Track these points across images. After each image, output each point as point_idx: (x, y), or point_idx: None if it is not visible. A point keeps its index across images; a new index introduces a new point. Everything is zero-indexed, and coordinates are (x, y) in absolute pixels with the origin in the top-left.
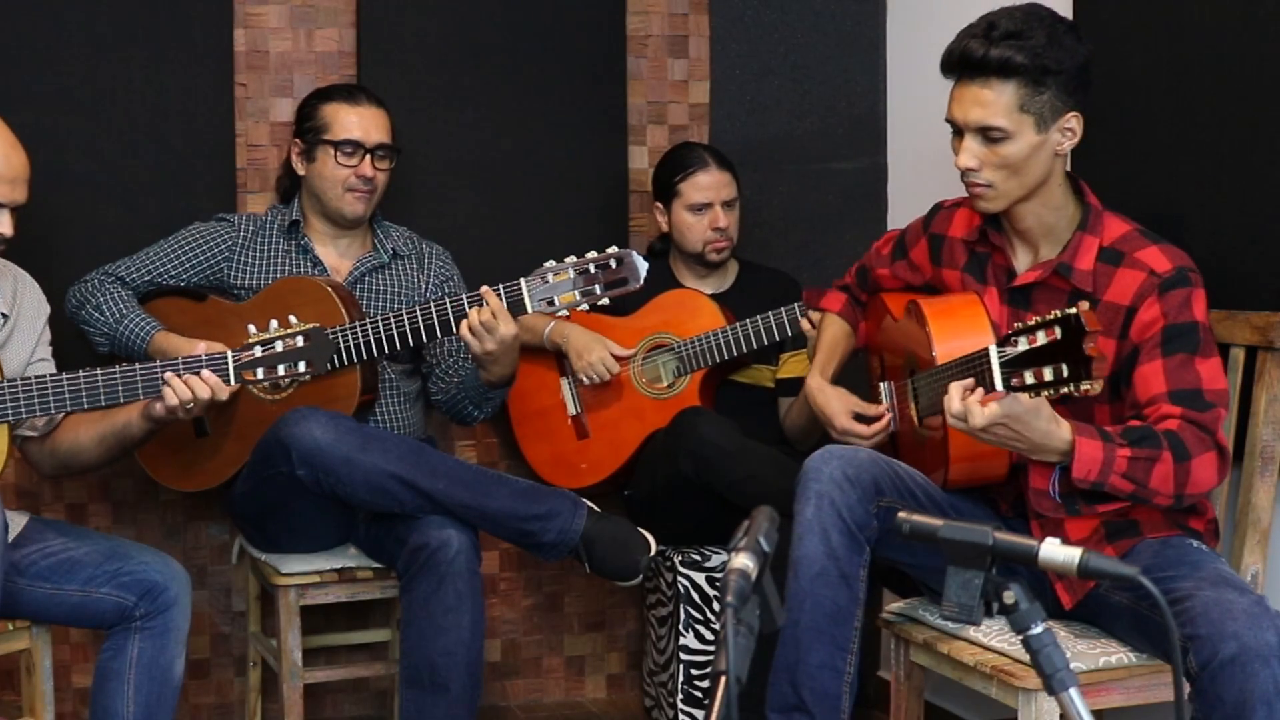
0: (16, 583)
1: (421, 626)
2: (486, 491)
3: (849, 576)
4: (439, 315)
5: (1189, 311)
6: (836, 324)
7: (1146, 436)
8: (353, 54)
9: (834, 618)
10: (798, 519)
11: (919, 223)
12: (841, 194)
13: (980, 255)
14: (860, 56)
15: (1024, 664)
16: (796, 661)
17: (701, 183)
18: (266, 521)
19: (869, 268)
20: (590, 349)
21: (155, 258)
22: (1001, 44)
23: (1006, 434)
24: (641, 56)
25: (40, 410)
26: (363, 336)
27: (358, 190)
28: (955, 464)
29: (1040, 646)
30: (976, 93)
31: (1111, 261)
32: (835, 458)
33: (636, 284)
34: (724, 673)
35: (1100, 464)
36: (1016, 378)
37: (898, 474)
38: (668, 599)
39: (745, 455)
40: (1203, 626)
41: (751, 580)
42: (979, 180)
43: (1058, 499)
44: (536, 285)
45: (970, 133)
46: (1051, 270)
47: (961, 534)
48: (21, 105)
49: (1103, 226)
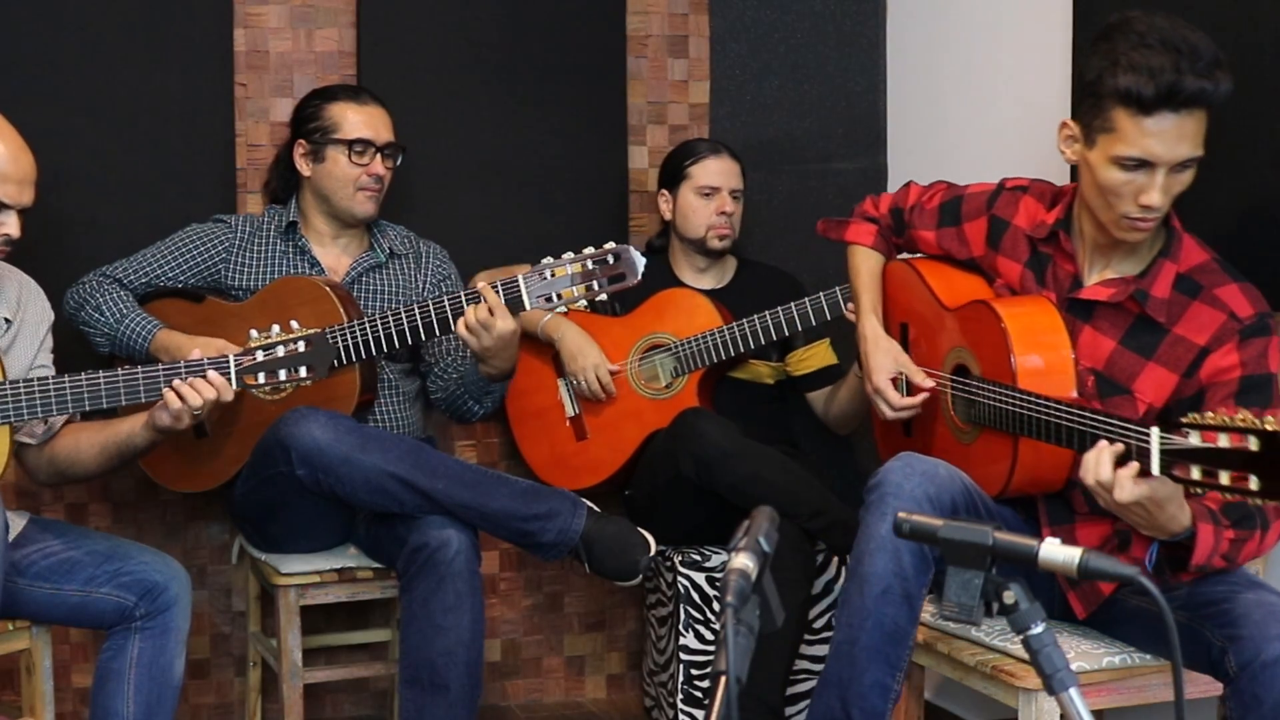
0: (16, 583)
1: (421, 626)
2: (486, 491)
3: (912, 596)
4: (437, 313)
5: (1266, 363)
6: (873, 258)
7: (1246, 516)
8: (353, 54)
9: (893, 638)
10: (869, 532)
11: (982, 196)
12: (841, 194)
13: (1043, 255)
14: (860, 56)
15: (1024, 664)
16: (850, 679)
17: (712, 167)
18: (266, 521)
19: (908, 221)
20: (584, 353)
21: (152, 260)
22: (1195, 76)
23: (1140, 513)
24: (641, 56)
25: (41, 412)
26: (361, 336)
27: (369, 189)
28: (1019, 475)
29: (1040, 646)
30: (1179, 125)
31: (1188, 293)
32: (918, 474)
33: (634, 279)
34: (724, 673)
35: (1211, 548)
36: (1179, 469)
37: (968, 490)
38: (668, 599)
39: (747, 456)
40: (1245, 627)
41: (752, 580)
42: (1155, 216)
43: (1150, 570)
44: (535, 281)
45: (1168, 168)
46: (1128, 295)
47: (961, 534)
48: (21, 105)
49: (1181, 252)
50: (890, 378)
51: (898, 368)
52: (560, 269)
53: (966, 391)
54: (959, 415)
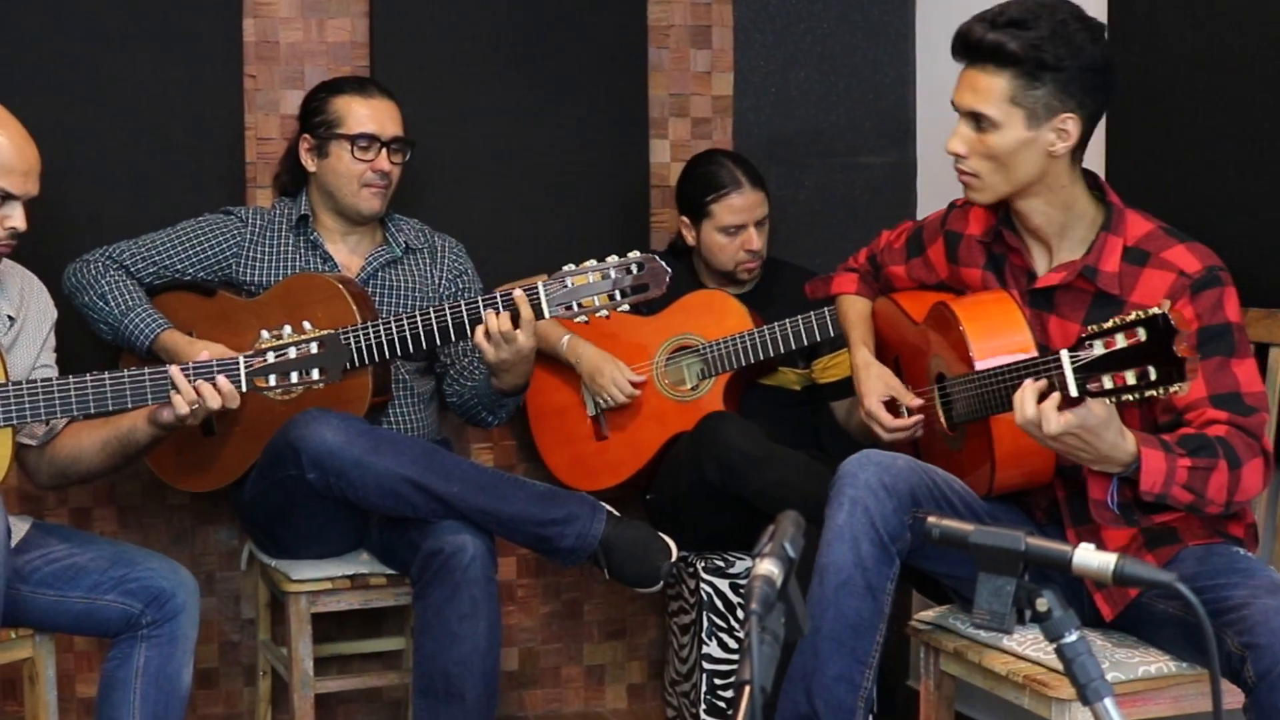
0: (19, 590)
1: (436, 635)
2: (502, 495)
3: (875, 589)
4: (454, 318)
5: (1222, 313)
6: (859, 301)
7: (1204, 445)
8: (365, 45)
9: (856, 629)
10: (828, 524)
11: (936, 219)
12: (869, 189)
13: (997, 255)
14: (889, 47)
15: (1057, 673)
16: (813, 671)
17: (735, 205)
18: (276, 526)
19: (881, 262)
20: (600, 370)
21: (162, 248)
22: (1001, 30)
23: (1075, 444)
24: (663, 47)
25: (45, 414)
26: (375, 338)
27: (374, 185)
28: (1001, 469)
29: (1074, 655)
30: (974, 78)
31: (1137, 262)
32: (873, 463)
33: (659, 290)
34: (748, 682)
35: (1164, 475)
36: (1094, 383)
37: (935, 483)
38: (690, 606)
39: (772, 461)
40: (1262, 635)
41: (777, 587)
42: (965, 168)
43: (1115, 510)
44: (555, 289)
45: (964, 117)
46: (1076, 273)
47: (993, 539)
48: (25, 97)
49: (1125, 225)
50: (882, 400)
51: (889, 391)
52: (581, 277)
53: (944, 394)
54: (946, 423)
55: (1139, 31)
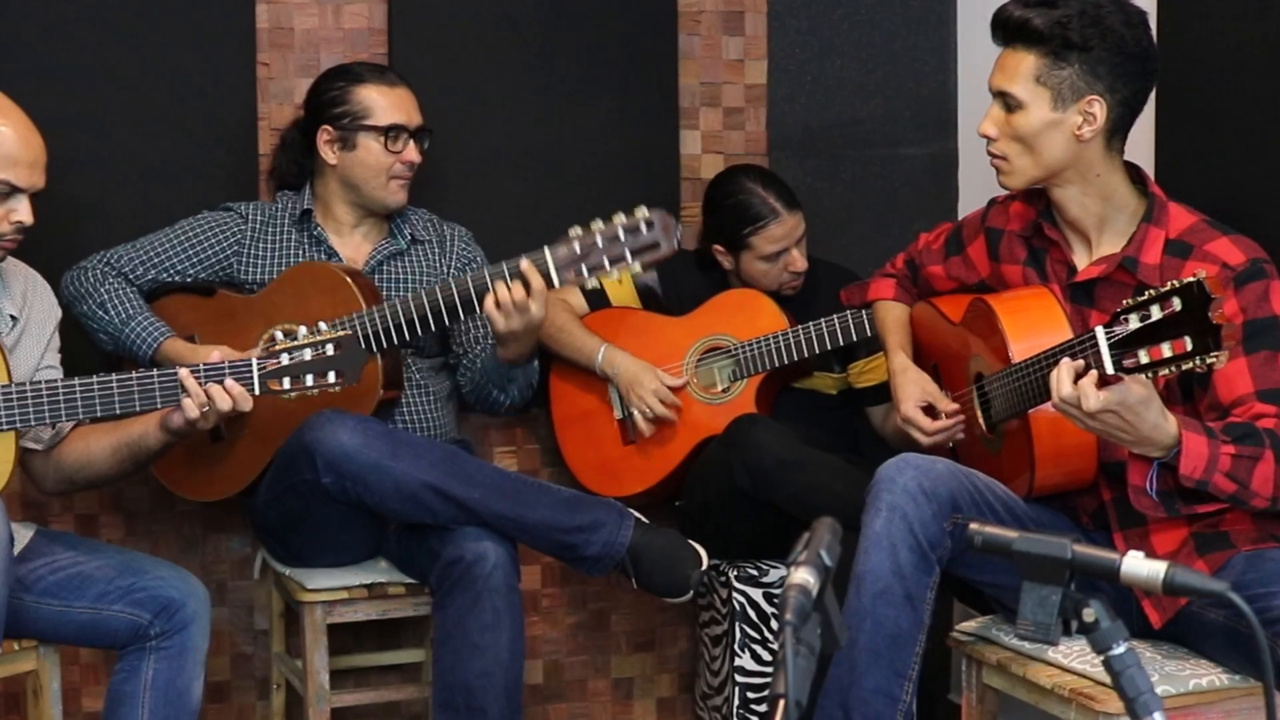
0: (22, 600)
1: (456, 646)
2: (526, 501)
3: (914, 598)
4: (460, 293)
5: (1268, 305)
6: (896, 307)
7: (1249, 434)
8: (383, 30)
9: (894, 641)
10: (865, 531)
11: (976, 217)
12: (909, 182)
13: (1038, 250)
14: (929, 33)
15: (1105, 686)
16: (850, 684)
17: (775, 235)
18: (291, 533)
19: (919, 264)
20: (639, 380)
21: (159, 250)
22: (1030, 8)
23: (1116, 423)
24: (694, 34)
25: (50, 417)
26: (381, 323)
27: (402, 178)
28: (1041, 467)
29: (1123, 668)
30: (1005, 57)
31: (1179, 254)
32: (911, 467)
33: (670, 249)
34: (783, 696)
35: (1206, 460)
36: (1130, 358)
37: (976, 487)
38: (722, 617)
39: (806, 465)
40: None
41: (812, 597)
42: (995, 151)
43: (1155, 497)
44: (562, 254)
45: (995, 98)
46: (1116, 265)
47: (1038, 547)
48: (28, 86)
49: (1168, 218)
50: (919, 405)
51: (925, 396)
52: (588, 239)
53: (982, 394)
54: (985, 425)
55: (1188, 22)
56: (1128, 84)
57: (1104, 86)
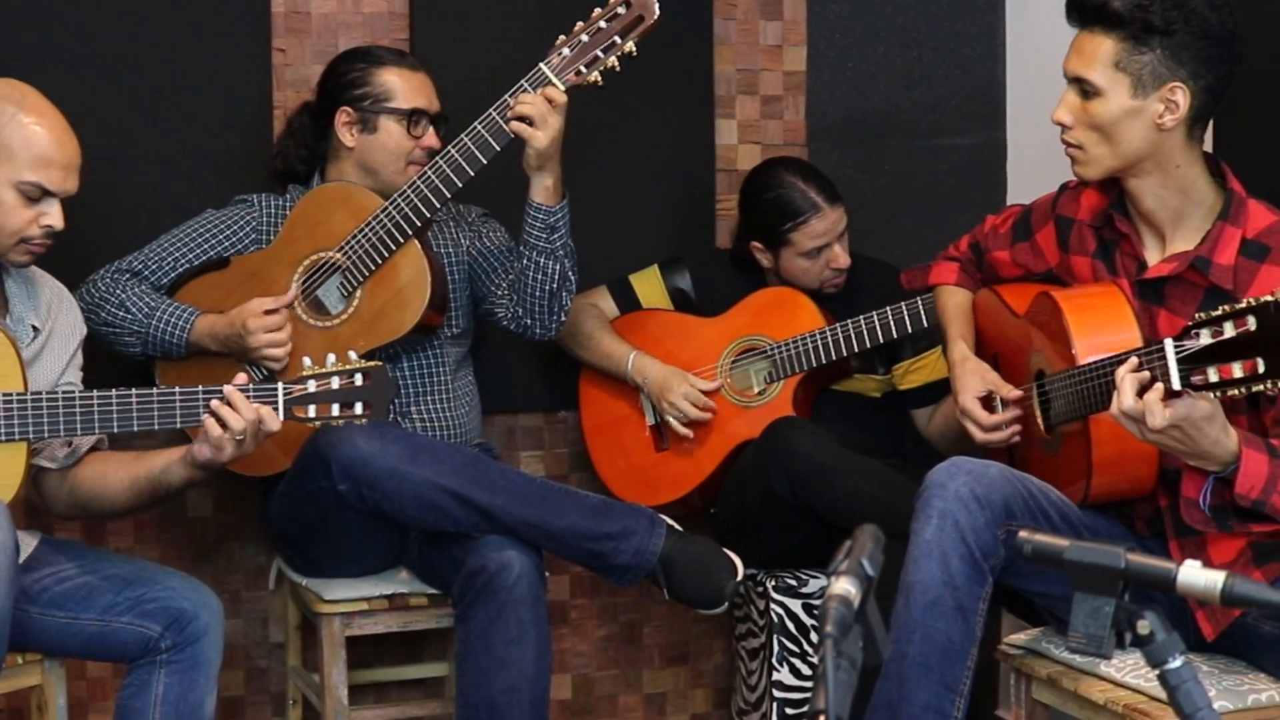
0: (27, 611)
1: (480, 660)
2: (552, 508)
3: (966, 609)
4: (488, 130)
5: None
6: (958, 293)
7: None
8: (404, 15)
9: (945, 654)
10: (915, 539)
11: (1046, 202)
12: (955, 173)
13: (1108, 242)
14: (976, 18)
15: (1160, 702)
16: (899, 699)
17: (817, 230)
18: (307, 542)
19: (984, 248)
20: (670, 386)
21: (171, 249)
22: None
23: (1177, 437)
24: (730, 19)
25: (65, 430)
26: (415, 194)
27: (420, 163)
28: (1099, 474)
29: (1179, 682)
30: (1081, 41)
31: (1255, 256)
32: (964, 473)
33: (652, 17)
34: (823, 712)
35: (1265, 480)
36: (1199, 375)
37: (1031, 493)
38: (759, 629)
39: (847, 470)
40: None
41: (854, 608)
42: (1070, 140)
43: (1207, 512)
44: (556, 62)
45: (1070, 84)
46: (1187, 264)
47: (1090, 556)
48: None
49: (1246, 216)
50: (978, 396)
51: (986, 386)
52: (575, 38)
53: (1042, 394)
54: (1043, 425)
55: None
56: (1212, 70)
57: (1187, 73)
